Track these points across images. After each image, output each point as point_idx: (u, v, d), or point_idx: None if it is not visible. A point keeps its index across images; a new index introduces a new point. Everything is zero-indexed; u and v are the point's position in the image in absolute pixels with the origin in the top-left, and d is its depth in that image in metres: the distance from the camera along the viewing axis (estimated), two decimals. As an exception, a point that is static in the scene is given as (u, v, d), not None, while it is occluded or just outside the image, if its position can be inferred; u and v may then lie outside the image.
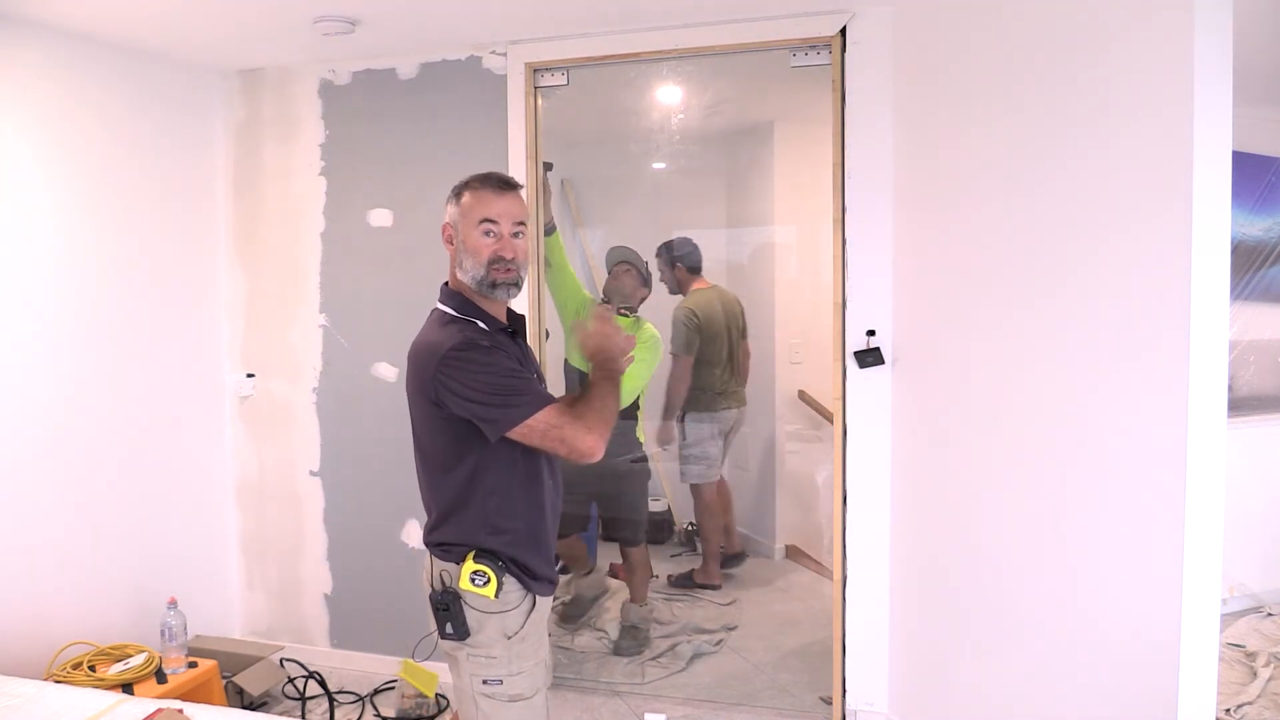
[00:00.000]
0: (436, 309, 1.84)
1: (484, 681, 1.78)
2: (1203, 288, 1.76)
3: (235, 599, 3.54)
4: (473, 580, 1.74)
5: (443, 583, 1.79)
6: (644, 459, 3.69)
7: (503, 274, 1.77)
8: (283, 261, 3.41)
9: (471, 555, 1.75)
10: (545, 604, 1.89)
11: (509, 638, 1.78)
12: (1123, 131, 1.92)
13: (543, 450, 1.76)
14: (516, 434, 1.69)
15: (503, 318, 1.86)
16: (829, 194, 2.86)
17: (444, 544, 1.81)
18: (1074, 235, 2.06)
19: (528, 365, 1.85)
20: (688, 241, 4.15)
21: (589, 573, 3.80)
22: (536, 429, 1.68)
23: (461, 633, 1.77)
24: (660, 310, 3.93)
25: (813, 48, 2.84)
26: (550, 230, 3.28)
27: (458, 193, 1.80)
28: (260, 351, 3.47)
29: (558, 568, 2.49)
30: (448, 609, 1.76)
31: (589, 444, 1.68)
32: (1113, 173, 1.95)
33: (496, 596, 1.75)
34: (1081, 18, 2.03)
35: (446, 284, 1.86)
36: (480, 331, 1.77)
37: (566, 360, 3.44)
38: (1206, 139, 1.75)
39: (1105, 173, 1.97)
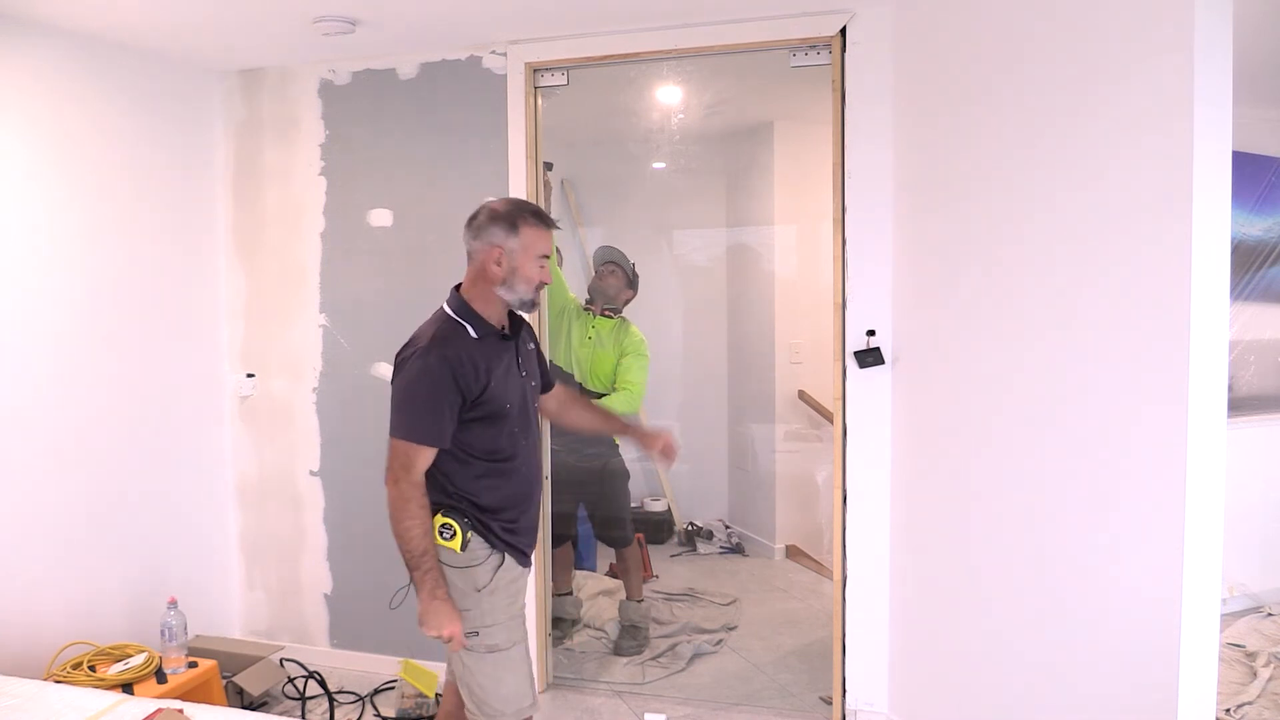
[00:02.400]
0: (441, 306, 2.04)
1: (464, 635, 1.96)
2: (1203, 288, 1.76)
3: (235, 599, 3.54)
4: (440, 533, 1.95)
5: None
6: (620, 460, 3.66)
7: (539, 296, 2.06)
8: (283, 261, 3.41)
9: (440, 511, 1.96)
10: (514, 565, 2.06)
11: (479, 590, 1.97)
12: (1123, 132, 1.92)
13: (522, 431, 2.03)
14: (390, 445, 1.93)
15: (502, 322, 2.04)
16: (829, 194, 2.87)
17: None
18: (1074, 235, 2.06)
19: (510, 364, 2.03)
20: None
21: (567, 593, 3.74)
22: (394, 447, 1.92)
23: None
24: (655, 311, 3.87)
25: (812, 48, 2.84)
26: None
27: (513, 223, 1.98)
28: (260, 351, 3.47)
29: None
30: None
31: (389, 488, 1.93)
32: (1113, 173, 1.95)
33: (462, 550, 1.96)
34: (1082, 16, 2.03)
35: (458, 287, 2.06)
36: (461, 335, 1.96)
37: (552, 361, 3.45)
38: (1206, 139, 1.75)
39: (1105, 173, 1.97)
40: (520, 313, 2.08)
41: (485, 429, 1.97)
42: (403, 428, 1.91)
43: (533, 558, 2.17)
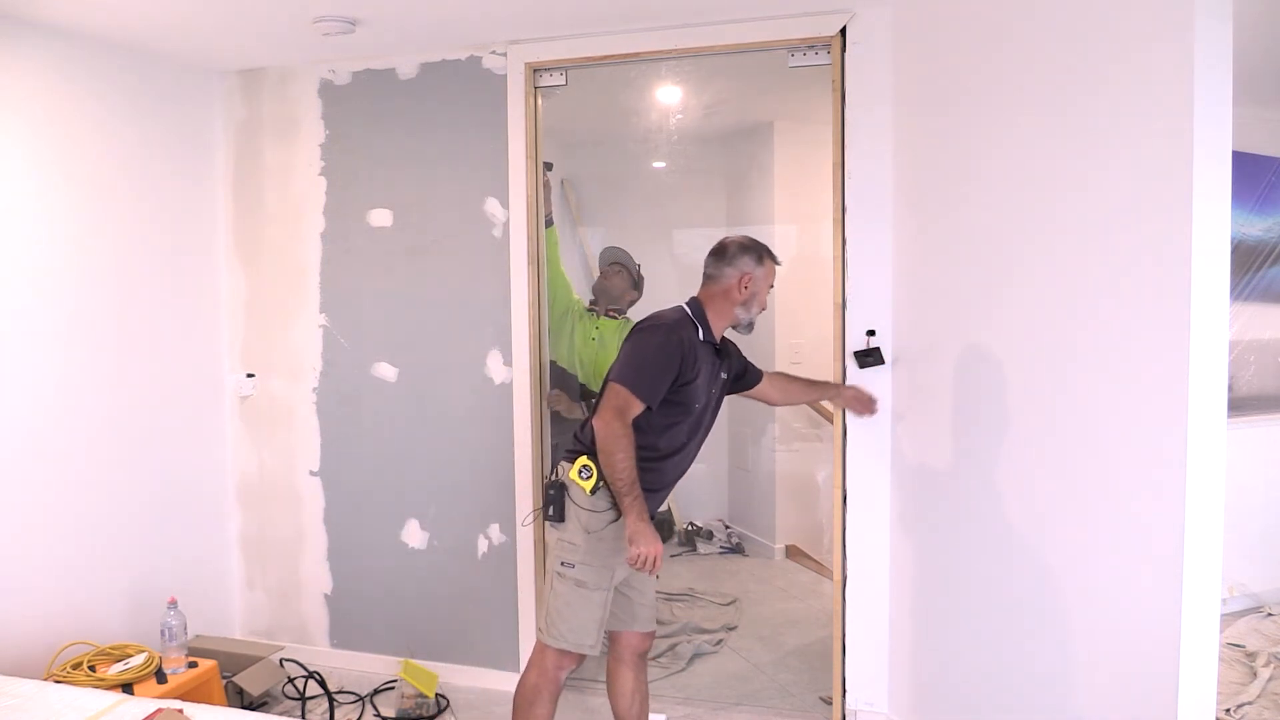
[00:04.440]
0: (680, 306, 2.40)
1: (561, 563, 2.29)
2: (1203, 288, 1.76)
3: (235, 599, 3.54)
4: (580, 474, 2.28)
5: (556, 474, 2.35)
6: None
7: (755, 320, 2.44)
8: (283, 261, 3.41)
9: (585, 455, 2.29)
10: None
11: (589, 533, 2.28)
12: (1123, 131, 1.92)
13: (694, 431, 2.38)
14: (610, 388, 2.24)
15: (718, 340, 2.42)
16: (829, 194, 2.87)
17: (571, 450, 2.36)
18: (1074, 234, 2.06)
19: (713, 373, 2.38)
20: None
21: None
22: (616, 391, 2.21)
23: (558, 516, 2.30)
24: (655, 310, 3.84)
25: (811, 48, 2.84)
26: (549, 223, 3.29)
27: (760, 258, 2.38)
28: (260, 351, 3.47)
29: None
30: (554, 496, 2.31)
31: (600, 425, 2.21)
32: (1113, 172, 1.95)
33: (592, 493, 2.27)
34: (1082, 16, 2.02)
35: (698, 297, 2.42)
36: (693, 332, 2.31)
37: (553, 361, 3.44)
38: (1206, 139, 1.74)
39: (1105, 172, 1.97)
40: (744, 333, 2.47)
41: (672, 415, 2.30)
42: (630, 379, 2.22)
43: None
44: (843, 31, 2.78)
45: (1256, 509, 3.87)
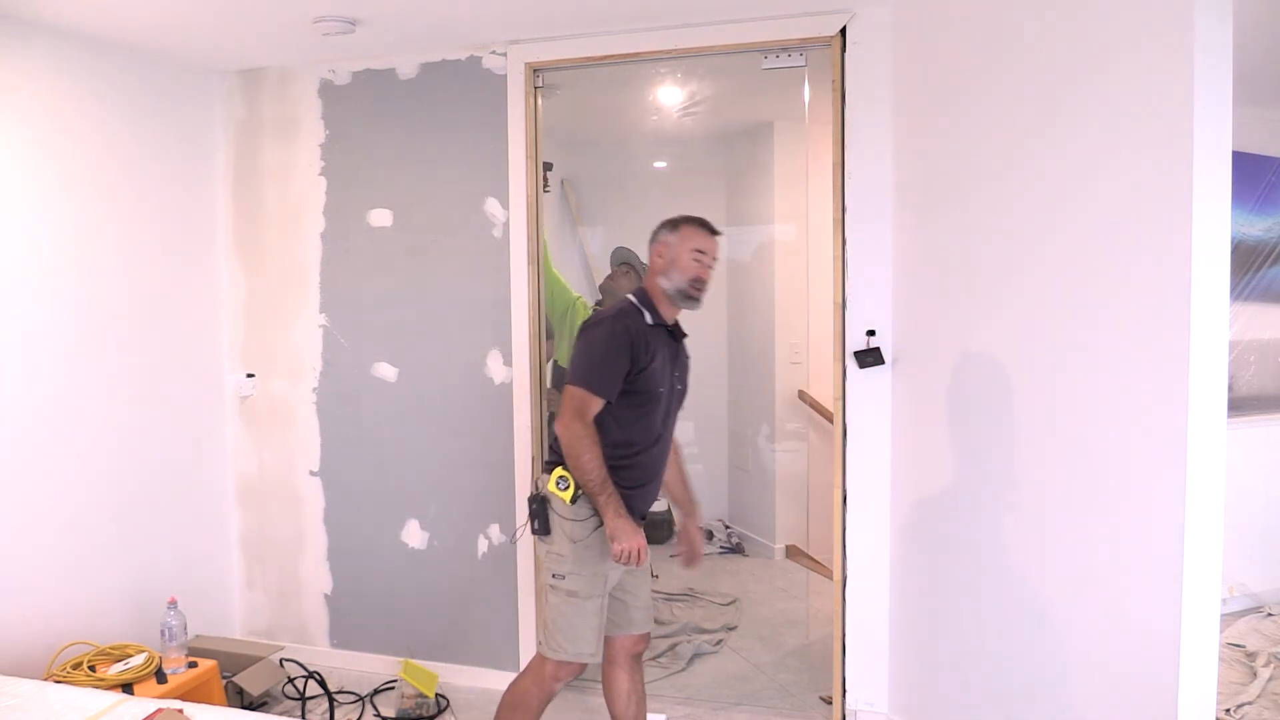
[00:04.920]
0: (626, 296, 2.36)
1: (553, 575, 2.28)
2: (1203, 288, 1.76)
3: (235, 599, 3.54)
4: (558, 485, 2.25)
5: (537, 488, 2.33)
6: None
7: (696, 290, 2.30)
8: (283, 261, 3.41)
9: (563, 465, 2.25)
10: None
11: (575, 542, 2.25)
12: (1123, 132, 1.92)
13: (662, 419, 2.33)
14: (566, 391, 2.21)
15: (672, 321, 2.38)
16: (829, 194, 2.87)
17: (548, 461, 2.34)
18: (1074, 234, 2.06)
19: (676, 363, 2.39)
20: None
21: None
22: (571, 394, 2.20)
23: (543, 529, 2.28)
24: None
25: (784, 50, 2.86)
26: None
27: (674, 225, 2.34)
28: (260, 351, 3.47)
29: None
30: (537, 510, 2.29)
31: (561, 429, 2.21)
32: (1113, 172, 1.95)
33: (573, 502, 2.24)
34: (1082, 17, 2.03)
35: (642, 285, 2.38)
36: (639, 318, 2.28)
37: (555, 360, 3.44)
38: (1206, 139, 1.75)
39: (1105, 172, 1.97)
40: (684, 306, 2.34)
41: (637, 405, 2.26)
42: (582, 378, 2.20)
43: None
44: (843, 31, 2.78)
45: (1256, 509, 3.86)
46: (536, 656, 2.35)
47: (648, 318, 2.30)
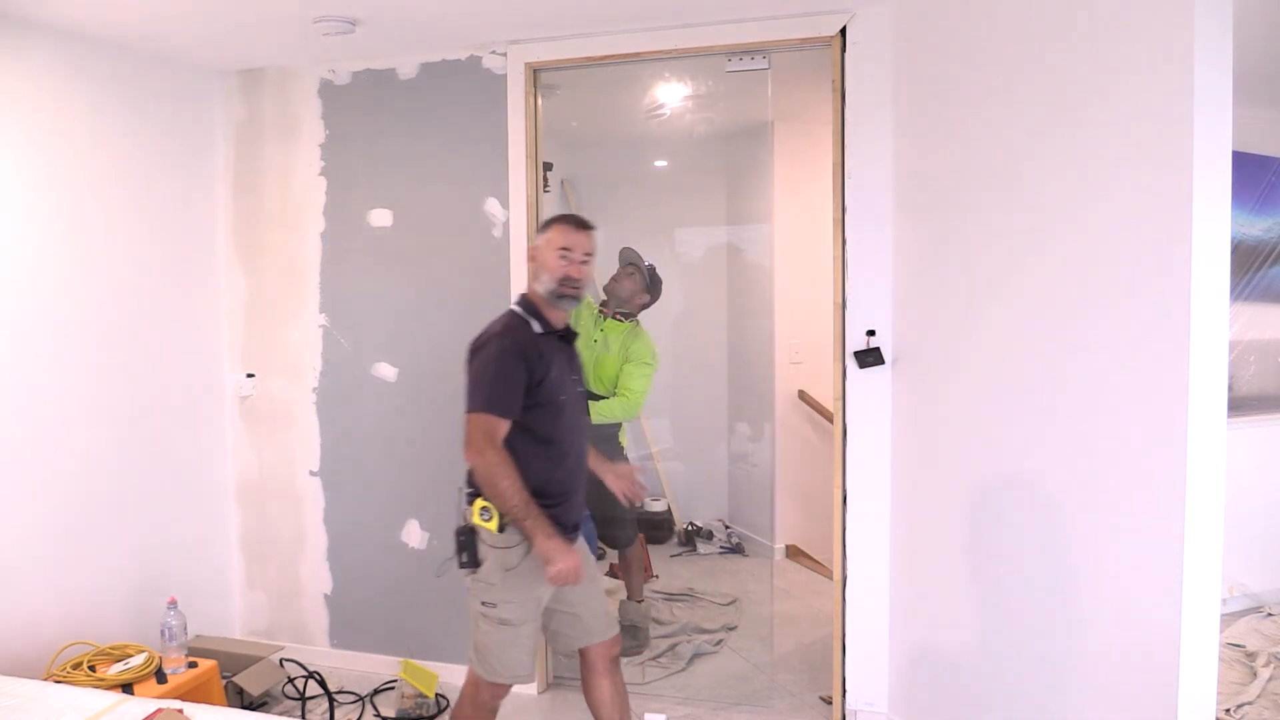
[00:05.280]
0: (510, 307, 2.30)
1: (482, 603, 2.22)
2: (1203, 288, 1.76)
3: (235, 599, 3.54)
4: (481, 515, 2.19)
5: (464, 519, 2.25)
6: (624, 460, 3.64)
7: (568, 289, 2.22)
8: (283, 261, 3.41)
9: (480, 497, 2.18)
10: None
11: (507, 570, 2.19)
12: (1123, 132, 1.92)
13: (571, 426, 2.25)
14: (467, 421, 2.15)
15: (561, 326, 2.29)
16: (829, 194, 2.87)
17: (470, 491, 2.26)
18: (1074, 234, 2.06)
19: (572, 366, 2.31)
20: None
21: (639, 600, 3.65)
22: (474, 422, 2.13)
23: (472, 562, 2.21)
24: (654, 310, 3.81)
25: (747, 53, 2.87)
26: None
27: (546, 226, 2.28)
28: (260, 351, 3.47)
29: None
30: (466, 542, 2.22)
31: (472, 458, 2.15)
32: (1113, 173, 1.95)
33: (500, 532, 2.17)
34: (1082, 17, 2.03)
35: (524, 292, 2.31)
36: (526, 330, 2.20)
37: None
38: (1207, 139, 1.75)
39: (1105, 172, 1.97)
40: (560, 306, 2.25)
41: (546, 418, 2.20)
42: (482, 402, 2.14)
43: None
44: (843, 31, 2.78)
45: (1256, 509, 3.86)
46: (470, 681, 2.31)
47: (536, 326, 2.23)
